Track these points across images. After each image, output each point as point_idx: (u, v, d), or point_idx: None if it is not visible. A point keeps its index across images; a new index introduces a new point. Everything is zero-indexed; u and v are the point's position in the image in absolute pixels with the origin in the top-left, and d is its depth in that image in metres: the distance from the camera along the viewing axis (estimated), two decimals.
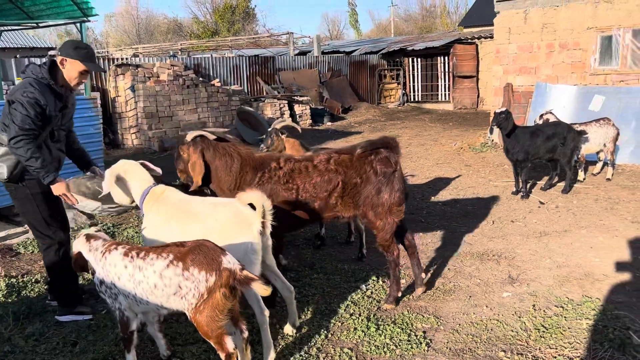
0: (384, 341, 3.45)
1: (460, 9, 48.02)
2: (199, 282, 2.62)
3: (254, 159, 3.82)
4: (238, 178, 3.76)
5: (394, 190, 3.74)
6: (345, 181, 3.74)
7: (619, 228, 5.63)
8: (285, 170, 3.75)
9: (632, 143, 8.62)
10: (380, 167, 3.72)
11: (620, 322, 3.58)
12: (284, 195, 3.72)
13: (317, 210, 3.79)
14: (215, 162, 3.79)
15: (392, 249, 3.87)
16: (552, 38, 9.80)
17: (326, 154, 3.85)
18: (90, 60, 3.65)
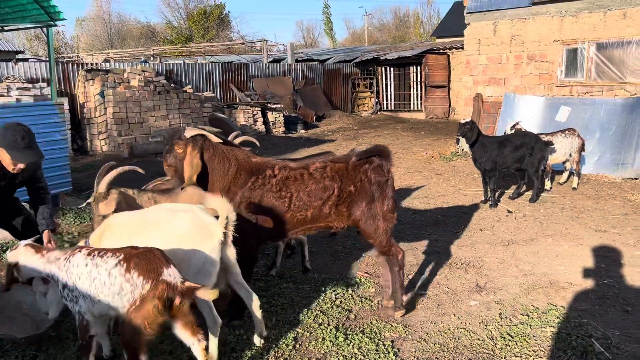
0: (352, 351, 3.44)
1: (432, 19, 48.84)
2: (135, 287, 2.62)
3: (250, 163, 3.74)
4: (232, 181, 3.69)
5: (387, 198, 3.76)
6: (341, 189, 3.71)
7: (583, 237, 5.76)
8: (279, 178, 3.69)
9: (596, 153, 8.85)
10: (374, 176, 3.73)
11: (583, 329, 3.65)
12: (275, 203, 3.67)
13: (309, 219, 3.75)
14: (213, 164, 3.69)
15: (395, 252, 3.86)
16: (521, 50, 10.03)
17: (322, 162, 3.80)
18: (20, 149, 3.54)
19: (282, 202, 3.66)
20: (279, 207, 3.67)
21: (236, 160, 3.71)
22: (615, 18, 8.90)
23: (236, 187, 3.67)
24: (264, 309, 4.04)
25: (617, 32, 8.91)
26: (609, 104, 8.94)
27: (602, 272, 4.77)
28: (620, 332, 3.66)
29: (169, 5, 45.48)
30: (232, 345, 3.50)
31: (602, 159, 8.84)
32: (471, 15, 10.64)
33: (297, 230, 3.82)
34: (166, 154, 3.73)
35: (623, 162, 8.61)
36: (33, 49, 41.33)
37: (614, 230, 5.93)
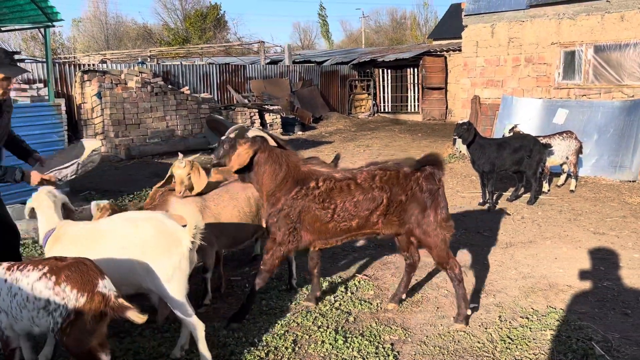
0: (352, 354, 3.43)
1: (429, 21, 48.92)
2: (68, 300, 2.51)
3: (299, 172, 3.78)
4: (278, 186, 3.74)
5: (440, 207, 3.74)
6: (390, 199, 3.69)
7: (582, 239, 5.76)
8: (322, 190, 3.69)
9: (594, 156, 8.87)
10: (426, 184, 3.71)
11: (583, 332, 3.64)
12: (317, 214, 3.68)
13: (354, 228, 3.76)
14: (265, 167, 3.74)
15: (452, 265, 3.80)
16: (518, 52, 10.04)
17: (370, 171, 3.78)
18: (6, 65, 3.44)
19: (325, 213, 3.68)
20: (322, 218, 3.69)
21: (287, 167, 3.76)
22: (613, 21, 8.93)
23: (280, 194, 3.71)
24: (263, 311, 4.04)
25: (615, 34, 8.93)
26: (607, 107, 8.96)
27: (601, 274, 4.77)
28: (620, 335, 3.66)
29: (165, 6, 45.41)
30: (232, 348, 3.48)
31: (599, 162, 8.86)
32: (469, 18, 10.66)
33: (340, 238, 3.84)
34: (224, 144, 3.76)
35: (621, 165, 8.63)
36: (29, 49, 41.17)
37: (613, 233, 5.94)
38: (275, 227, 3.74)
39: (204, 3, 43.69)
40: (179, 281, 3.08)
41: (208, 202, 4.08)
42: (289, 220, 3.69)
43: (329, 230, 3.74)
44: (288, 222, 3.70)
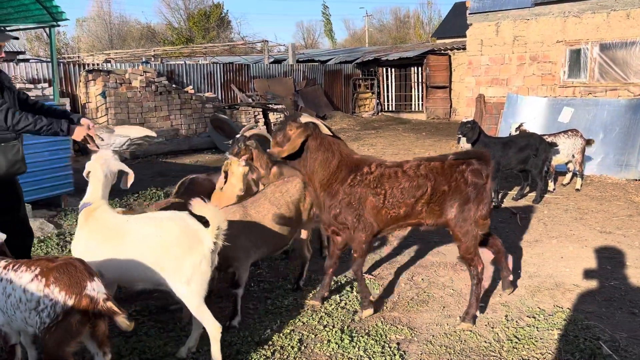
0: (358, 353, 3.42)
1: (433, 20, 48.82)
2: (56, 302, 2.50)
3: (352, 160, 3.82)
4: (332, 175, 3.76)
5: (482, 203, 3.74)
6: (434, 187, 3.72)
7: (588, 238, 5.73)
8: (375, 175, 3.75)
9: (600, 154, 8.83)
10: (471, 178, 3.72)
11: (590, 332, 3.62)
12: (372, 199, 3.73)
13: (402, 216, 3.79)
14: (317, 154, 3.75)
15: (476, 263, 3.82)
16: (523, 50, 10.01)
17: (416, 160, 3.85)
18: None
19: (378, 199, 3.72)
20: (376, 204, 3.73)
21: (340, 155, 3.78)
22: (619, 19, 8.88)
23: (337, 183, 3.75)
24: (269, 311, 4.03)
25: (621, 32, 8.89)
26: (613, 105, 8.92)
27: (608, 274, 4.74)
28: (628, 334, 3.63)
29: (169, 6, 45.48)
30: (238, 347, 3.47)
31: (605, 160, 8.82)
32: (474, 16, 10.63)
33: (391, 226, 3.88)
34: (277, 131, 3.82)
35: (627, 164, 8.59)
36: (34, 49, 41.31)
37: (619, 232, 5.91)
38: (341, 218, 3.79)
39: (207, 2, 43.75)
40: (198, 282, 3.06)
41: (249, 209, 3.97)
42: (352, 208, 3.75)
43: (382, 217, 3.79)
44: (352, 210, 3.75)
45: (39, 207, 6.73)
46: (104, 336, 2.67)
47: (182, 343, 3.50)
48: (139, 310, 4.04)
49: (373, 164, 3.82)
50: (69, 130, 3.42)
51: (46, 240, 5.70)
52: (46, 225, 6.21)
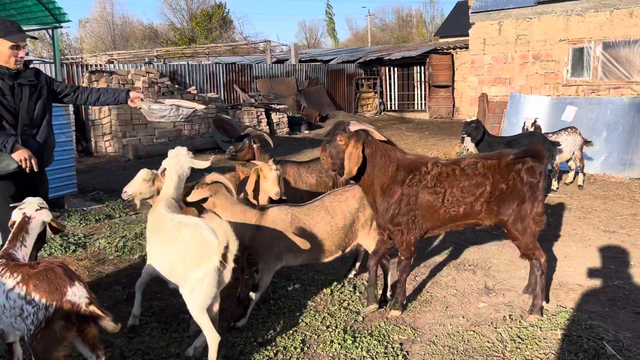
0: (361, 354, 3.42)
1: (436, 19, 48.76)
2: (38, 309, 2.50)
3: (407, 161, 3.84)
4: (391, 178, 3.79)
5: (537, 200, 3.76)
6: (493, 186, 3.74)
7: (591, 237, 5.71)
8: (433, 174, 3.77)
9: (603, 153, 8.81)
10: (527, 177, 3.73)
11: (594, 332, 3.61)
12: (430, 199, 3.76)
13: (461, 216, 3.81)
14: (375, 160, 3.77)
15: (538, 256, 3.86)
16: (526, 49, 9.98)
17: (473, 158, 3.87)
18: (14, 32, 3.50)
19: (437, 198, 3.75)
20: (434, 203, 3.76)
21: (396, 158, 3.80)
22: (622, 17, 8.85)
23: (395, 185, 3.77)
24: (272, 311, 4.04)
25: (624, 31, 8.86)
26: (616, 104, 8.89)
27: (612, 273, 4.73)
28: (632, 334, 3.62)
29: (171, 6, 45.57)
30: (240, 347, 3.48)
31: (609, 159, 8.79)
32: (476, 15, 10.60)
33: (449, 225, 3.90)
34: (326, 144, 3.81)
35: (630, 162, 8.56)
36: (36, 50, 41.42)
37: (623, 231, 5.89)
38: (398, 218, 3.80)
39: (210, 3, 43.81)
40: (201, 294, 3.05)
41: (300, 214, 3.94)
42: (409, 209, 3.77)
43: (440, 216, 3.81)
44: (408, 210, 3.77)
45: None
46: (94, 339, 2.65)
47: (186, 343, 3.52)
48: (142, 311, 4.04)
49: (429, 162, 3.84)
50: (12, 151, 3.47)
51: (50, 242, 5.71)
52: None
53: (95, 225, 6.46)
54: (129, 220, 6.65)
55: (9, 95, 3.54)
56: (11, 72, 3.56)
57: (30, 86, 3.66)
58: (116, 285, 4.59)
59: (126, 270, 4.97)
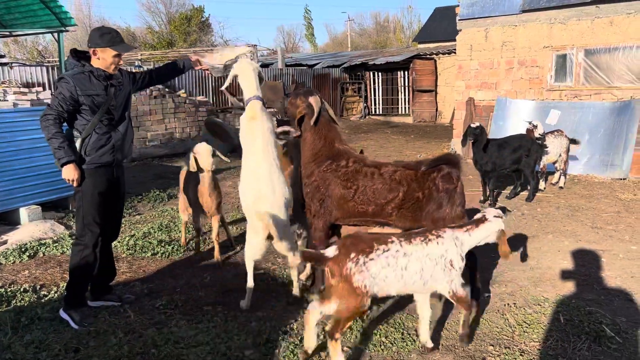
0: (380, 339, 3.64)
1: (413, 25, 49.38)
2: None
3: (332, 148, 4.10)
4: (314, 156, 4.08)
5: (455, 205, 3.90)
6: (406, 194, 3.89)
7: (581, 233, 6.05)
8: (349, 169, 3.99)
9: (586, 154, 9.22)
10: (442, 184, 3.87)
11: (593, 317, 3.90)
12: (341, 191, 3.98)
13: (370, 214, 4.01)
14: (306, 134, 4.13)
15: None
16: (512, 55, 10.37)
17: (393, 166, 4.02)
18: (119, 43, 3.82)
19: (347, 192, 3.96)
20: (345, 195, 3.97)
21: (325, 140, 4.08)
22: (603, 25, 9.29)
23: (314, 165, 4.06)
24: (289, 302, 4.24)
25: (605, 38, 9.30)
26: (597, 108, 9.32)
27: (603, 265, 5.05)
28: (627, 319, 3.92)
29: (149, 9, 45.24)
30: (267, 336, 3.67)
31: (591, 160, 9.21)
32: (463, 22, 10.97)
33: (358, 219, 4.11)
34: (293, 96, 4.25)
35: (612, 163, 8.98)
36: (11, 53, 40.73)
37: (610, 227, 6.25)
38: (308, 197, 4.09)
39: (188, 6, 43.63)
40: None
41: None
42: (319, 193, 4.02)
43: (349, 209, 4.02)
44: (319, 194, 4.02)
45: (48, 209, 6.83)
46: None
47: (213, 333, 3.70)
48: (165, 304, 4.21)
49: (352, 159, 4.06)
50: (63, 165, 3.71)
51: (60, 241, 5.82)
52: (57, 227, 6.33)
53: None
54: (134, 221, 6.78)
55: (103, 94, 3.82)
56: (106, 74, 3.86)
57: (118, 85, 3.95)
58: (135, 282, 4.74)
59: (141, 267, 5.12)
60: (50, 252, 5.57)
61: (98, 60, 3.81)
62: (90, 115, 3.78)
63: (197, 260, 5.32)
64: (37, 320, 3.96)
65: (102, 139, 3.84)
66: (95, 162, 3.83)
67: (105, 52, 3.78)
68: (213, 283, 4.71)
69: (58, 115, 3.69)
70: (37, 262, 5.27)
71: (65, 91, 3.69)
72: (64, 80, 3.74)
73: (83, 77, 3.76)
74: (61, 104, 3.69)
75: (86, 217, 3.88)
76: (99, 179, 3.88)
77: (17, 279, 4.84)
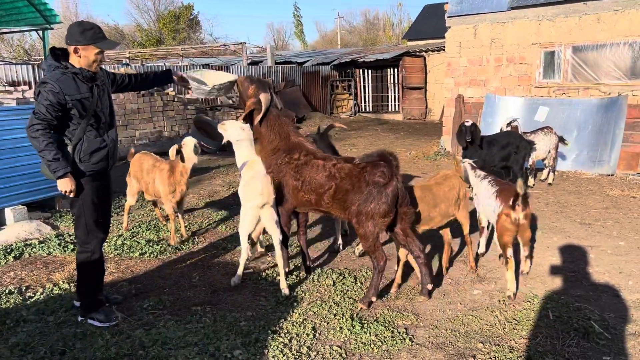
0: (370, 338, 3.63)
1: (403, 22, 49.44)
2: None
3: (289, 142, 4.38)
4: (271, 151, 4.40)
5: (381, 202, 3.91)
6: (338, 185, 4.05)
7: (570, 229, 6.07)
8: (300, 162, 4.26)
9: (574, 151, 9.26)
10: (371, 178, 3.92)
11: (582, 313, 3.92)
12: (293, 182, 4.29)
13: (314, 204, 4.26)
14: (260, 129, 4.40)
15: (378, 256, 4.06)
16: (500, 52, 10.39)
17: (335, 159, 4.22)
18: (102, 40, 3.63)
19: (297, 183, 4.27)
20: (296, 186, 4.29)
21: (279, 135, 4.37)
22: (590, 22, 9.33)
23: (272, 157, 4.36)
24: (280, 302, 4.22)
25: (592, 35, 9.34)
26: (585, 104, 9.36)
27: (592, 261, 5.08)
28: (615, 314, 3.94)
29: (138, 7, 44.93)
30: (256, 335, 3.64)
31: (579, 157, 9.25)
32: (452, 19, 10.97)
33: (309, 208, 4.40)
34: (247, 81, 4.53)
35: (600, 160, 9.03)
36: None
37: (598, 223, 6.28)
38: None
39: (177, 4, 43.39)
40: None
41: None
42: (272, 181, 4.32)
43: (299, 198, 4.31)
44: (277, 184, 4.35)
45: (34, 210, 6.75)
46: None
47: (201, 334, 3.67)
48: (153, 305, 4.17)
49: (303, 152, 4.30)
50: (60, 178, 3.56)
51: (46, 241, 5.75)
52: (43, 227, 6.25)
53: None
54: (121, 220, 6.70)
55: (89, 96, 3.64)
56: (90, 74, 3.66)
57: (102, 85, 3.79)
58: (122, 282, 4.69)
59: (129, 267, 5.07)
60: (37, 252, 5.50)
61: (79, 58, 3.58)
62: (78, 119, 3.60)
63: (186, 260, 5.27)
64: (22, 322, 3.90)
65: (94, 142, 3.68)
66: (91, 169, 3.70)
67: (88, 49, 3.56)
68: (202, 283, 4.67)
69: (47, 125, 3.47)
70: (22, 263, 5.20)
71: (51, 97, 3.45)
72: (48, 85, 3.47)
73: (67, 80, 3.53)
74: (49, 111, 3.45)
75: (89, 224, 3.79)
76: (95, 185, 3.78)
77: (2, 281, 4.77)
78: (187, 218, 6.73)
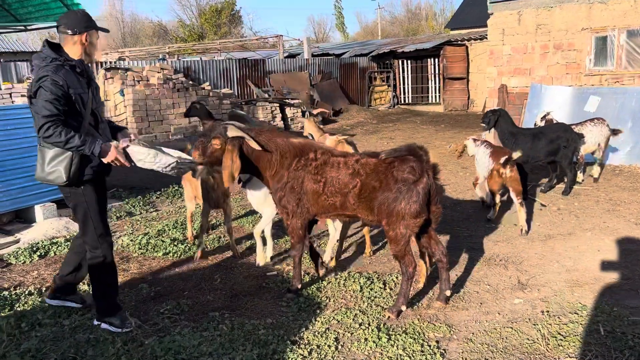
0: (397, 352, 3.33)
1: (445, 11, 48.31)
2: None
3: (293, 146, 3.91)
4: (278, 166, 3.89)
5: (412, 201, 3.60)
6: (363, 182, 3.71)
7: (623, 230, 5.57)
8: (319, 162, 3.84)
9: (629, 143, 8.62)
10: (400, 175, 3.62)
11: (638, 328, 3.49)
12: (313, 185, 3.84)
13: (339, 207, 3.85)
14: (255, 156, 3.89)
15: (407, 262, 3.75)
16: (547, 39, 9.79)
17: (357, 154, 3.90)
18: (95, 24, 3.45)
19: (318, 186, 3.83)
20: (317, 189, 3.86)
21: (276, 147, 3.87)
22: None
23: (283, 169, 3.88)
24: (302, 308, 3.97)
25: None
26: None
27: None
28: None
29: (180, 3, 45.57)
30: (274, 346, 3.40)
31: (635, 149, 8.61)
32: (495, 5, 10.42)
33: (333, 213, 3.96)
34: (201, 143, 3.81)
35: None
36: None
37: None
38: (284, 200, 3.92)
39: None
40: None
41: None
42: (294, 193, 3.87)
43: (322, 203, 3.87)
44: (294, 194, 3.87)
45: (63, 207, 6.72)
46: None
47: (217, 342, 3.45)
48: (170, 309, 3.99)
49: (319, 150, 3.91)
50: (101, 153, 3.31)
51: None
52: (72, 224, 6.20)
53: (117, 223, 6.42)
54: (150, 217, 6.61)
55: (87, 92, 3.42)
56: (84, 68, 3.43)
57: (95, 84, 3.59)
58: (142, 284, 4.54)
59: (151, 268, 4.93)
60: (62, 251, 5.43)
61: (82, 46, 3.35)
62: (74, 117, 3.35)
63: (209, 260, 5.08)
64: (37, 326, 3.79)
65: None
66: (95, 171, 3.49)
67: (93, 35, 3.36)
68: (223, 286, 4.47)
69: (57, 119, 3.20)
70: (47, 262, 5.14)
71: (57, 91, 3.21)
72: (49, 78, 3.20)
73: (67, 72, 3.30)
74: (57, 107, 3.20)
75: (97, 228, 3.58)
76: (98, 187, 3.60)
77: (25, 280, 4.70)
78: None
